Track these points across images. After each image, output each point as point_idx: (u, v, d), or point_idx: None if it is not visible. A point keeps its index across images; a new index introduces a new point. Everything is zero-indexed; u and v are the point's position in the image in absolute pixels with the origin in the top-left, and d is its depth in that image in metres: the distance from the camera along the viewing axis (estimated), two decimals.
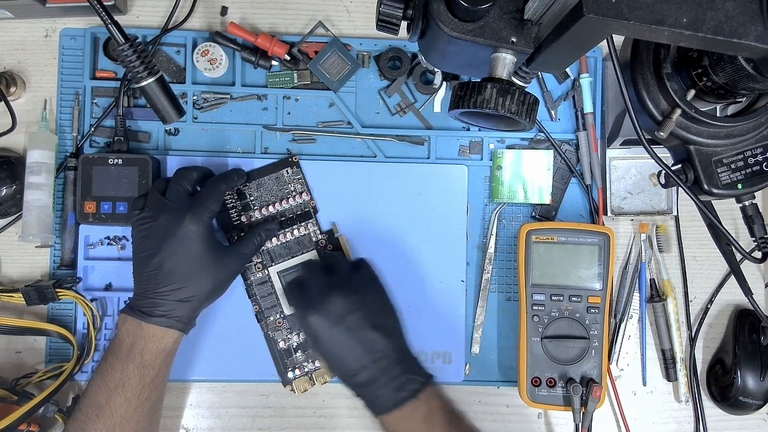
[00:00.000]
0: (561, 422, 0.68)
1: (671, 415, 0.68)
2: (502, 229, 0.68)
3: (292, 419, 0.67)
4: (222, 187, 0.60)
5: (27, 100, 0.67)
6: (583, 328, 0.64)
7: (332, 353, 0.56)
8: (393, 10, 0.44)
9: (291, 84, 0.67)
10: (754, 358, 0.66)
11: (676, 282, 0.69)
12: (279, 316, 0.65)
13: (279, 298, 0.65)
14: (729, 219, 0.69)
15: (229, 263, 0.59)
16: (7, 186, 0.64)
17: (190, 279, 0.56)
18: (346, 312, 0.55)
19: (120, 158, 0.63)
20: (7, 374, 0.63)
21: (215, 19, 0.69)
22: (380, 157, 0.68)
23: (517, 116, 0.41)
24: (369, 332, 0.55)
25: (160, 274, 0.56)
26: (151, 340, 0.56)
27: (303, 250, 0.66)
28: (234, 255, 0.60)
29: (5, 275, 0.66)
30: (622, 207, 0.69)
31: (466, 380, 0.67)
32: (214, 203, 0.58)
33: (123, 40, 0.50)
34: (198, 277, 0.57)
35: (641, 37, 0.39)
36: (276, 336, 0.65)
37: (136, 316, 0.56)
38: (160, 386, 0.58)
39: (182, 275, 0.56)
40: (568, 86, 0.69)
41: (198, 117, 0.67)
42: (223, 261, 0.58)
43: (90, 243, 0.65)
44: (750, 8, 0.37)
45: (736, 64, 0.43)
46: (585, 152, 0.68)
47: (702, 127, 0.49)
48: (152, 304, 0.56)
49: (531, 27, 0.42)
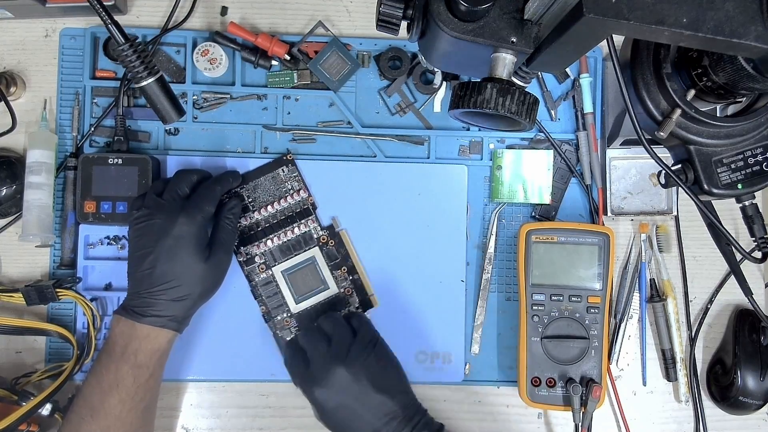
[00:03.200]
0: (561, 422, 0.68)
1: (671, 415, 0.68)
2: (502, 229, 0.68)
3: (292, 419, 0.67)
4: (216, 189, 0.60)
5: (27, 100, 0.67)
6: (583, 328, 0.64)
7: (342, 424, 0.56)
8: (393, 10, 0.44)
9: (291, 84, 0.67)
10: (754, 358, 0.66)
11: (676, 282, 0.69)
12: (286, 315, 0.65)
13: (284, 297, 0.65)
14: (729, 219, 0.69)
15: (218, 260, 0.59)
16: (7, 186, 0.64)
17: (183, 278, 0.56)
18: (350, 382, 0.55)
19: (120, 158, 0.63)
20: (7, 374, 0.63)
21: (215, 19, 0.69)
22: (380, 157, 0.68)
23: (517, 116, 0.41)
24: (376, 396, 0.55)
25: (153, 274, 0.56)
26: (145, 340, 0.56)
27: (305, 247, 0.66)
28: (218, 249, 0.59)
29: (5, 275, 0.66)
30: (622, 207, 0.69)
31: (466, 380, 0.67)
32: (209, 204, 0.59)
33: (123, 40, 0.50)
34: (191, 277, 0.57)
35: (641, 37, 0.39)
36: (284, 335, 0.65)
37: (130, 316, 0.56)
38: (154, 387, 0.58)
39: (175, 274, 0.56)
40: (568, 86, 0.69)
41: (198, 117, 0.67)
42: (213, 259, 0.58)
43: (90, 243, 0.65)
44: (750, 8, 0.37)
45: (736, 64, 0.43)
46: (585, 152, 0.68)
47: (702, 127, 0.49)
48: (145, 304, 0.56)
49: (531, 27, 0.42)
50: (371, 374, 0.56)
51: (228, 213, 0.62)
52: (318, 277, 0.65)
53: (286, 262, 0.65)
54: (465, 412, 0.67)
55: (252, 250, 0.65)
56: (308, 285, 0.65)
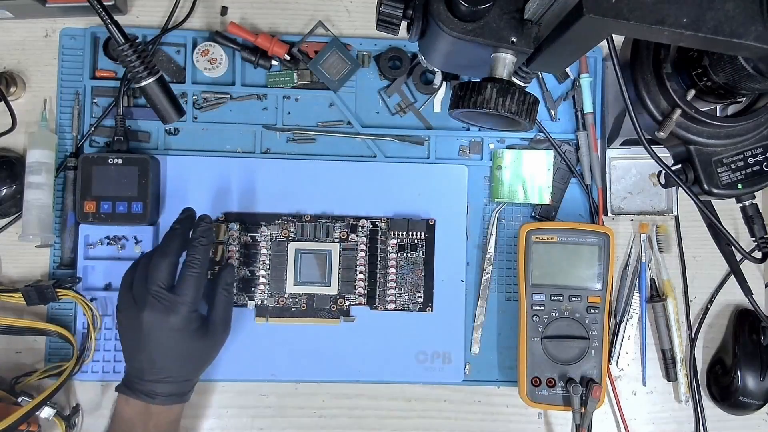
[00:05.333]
0: (561, 422, 0.68)
1: (671, 415, 0.68)
2: (502, 229, 0.68)
3: (292, 419, 0.67)
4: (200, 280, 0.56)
5: (27, 100, 0.67)
6: (583, 328, 0.64)
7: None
8: (393, 10, 0.44)
9: (291, 84, 0.67)
10: (754, 358, 0.66)
11: (676, 282, 0.69)
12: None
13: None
14: (729, 219, 0.69)
15: (217, 338, 0.59)
16: (7, 186, 0.64)
17: (185, 364, 0.57)
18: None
19: (120, 158, 0.63)
20: (7, 374, 0.63)
21: (215, 18, 0.69)
22: (380, 157, 0.68)
23: (517, 116, 0.41)
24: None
25: (153, 367, 0.56)
26: (161, 414, 0.57)
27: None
28: (216, 327, 0.58)
29: (5, 275, 0.66)
30: (622, 207, 0.69)
31: (466, 380, 0.67)
32: (195, 292, 0.55)
33: (123, 40, 0.50)
34: (192, 359, 0.58)
35: (641, 37, 0.39)
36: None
37: (140, 398, 0.56)
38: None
39: (176, 363, 0.56)
40: (568, 86, 0.69)
41: (198, 117, 0.67)
42: (209, 339, 0.58)
43: (90, 243, 0.65)
44: (750, 8, 0.37)
45: (736, 64, 0.43)
46: (585, 152, 0.68)
47: (702, 127, 0.49)
48: (153, 389, 0.56)
49: (531, 27, 0.42)
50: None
51: (222, 288, 0.59)
52: (324, 271, 0.65)
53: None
54: (465, 412, 0.67)
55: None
56: (312, 275, 0.65)
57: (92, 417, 0.65)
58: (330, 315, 0.65)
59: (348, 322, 0.66)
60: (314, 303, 0.65)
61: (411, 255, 0.66)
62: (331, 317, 0.65)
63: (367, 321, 0.66)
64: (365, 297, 0.65)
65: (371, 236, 0.66)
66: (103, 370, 0.64)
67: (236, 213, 0.66)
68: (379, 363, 0.66)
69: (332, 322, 0.65)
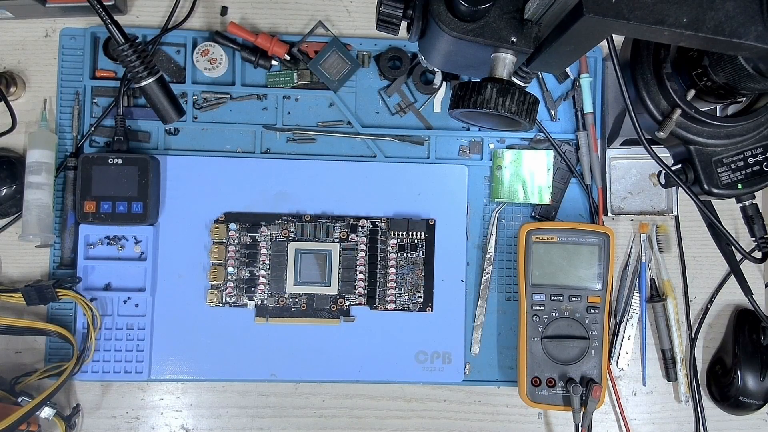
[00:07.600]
0: (561, 422, 0.68)
1: (671, 415, 0.68)
2: (502, 229, 0.68)
3: (292, 419, 0.67)
4: None
5: (27, 100, 0.67)
6: (583, 328, 0.64)
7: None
8: (393, 10, 0.44)
9: (291, 84, 0.67)
10: (754, 358, 0.66)
11: (676, 282, 0.69)
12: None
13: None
14: (729, 219, 0.69)
15: None
16: (7, 186, 0.64)
17: None
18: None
19: (120, 158, 0.63)
20: (7, 374, 0.63)
21: (215, 18, 0.69)
22: (380, 157, 0.68)
23: (517, 116, 0.41)
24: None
25: None
26: None
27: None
28: None
29: (5, 275, 0.66)
30: (622, 207, 0.69)
31: (466, 380, 0.67)
32: None
33: (123, 40, 0.50)
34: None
35: (641, 37, 0.39)
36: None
37: None
38: None
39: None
40: (568, 86, 0.69)
41: (198, 117, 0.67)
42: None
43: (90, 243, 0.65)
44: (750, 8, 0.37)
45: (736, 64, 0.43)
46: (585, 152, 0.68)
47: (702, 127, 0.49)
48: None
49: (531, 27, 0.42)
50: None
51: None
52: (324, 271, 0.65)
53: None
54: (465, 412, 0.67)
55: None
56: (312, 275, 0.65)
57: (92, 417, 0.65)
58: (330, 315, 0.65)
59: (348, 322, 0.66)
60: (314, 303, 0.65)
61: (411, 255, 0.66)
62: (331, 317, 0.65)
63: (367, 321, 0.66)
64: (365, 297, 0.66)
65: (371, 236, 0.66)
66: (103, 370, 0.64)
67: (236, 213, 0.66)
68: (379, 363, 0.66)
69: (332, 322, 0.65)
